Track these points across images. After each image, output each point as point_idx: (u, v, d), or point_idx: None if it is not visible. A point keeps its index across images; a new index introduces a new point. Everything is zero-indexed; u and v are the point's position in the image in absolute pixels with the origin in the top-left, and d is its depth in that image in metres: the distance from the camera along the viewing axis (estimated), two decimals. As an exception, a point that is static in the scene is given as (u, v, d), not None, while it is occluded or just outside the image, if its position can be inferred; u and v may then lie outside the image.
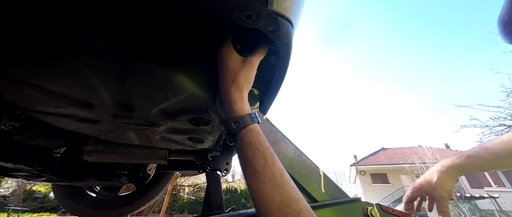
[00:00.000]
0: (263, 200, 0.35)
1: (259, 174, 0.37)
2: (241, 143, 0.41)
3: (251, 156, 0.39)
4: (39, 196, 11.44)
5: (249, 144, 0.40)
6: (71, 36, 0.40)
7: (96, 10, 0.41)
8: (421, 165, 13.67)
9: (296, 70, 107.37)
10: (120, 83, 0.49)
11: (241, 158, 0.41)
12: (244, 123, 0.42)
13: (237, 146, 0.42)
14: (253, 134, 0.41)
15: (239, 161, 0.42)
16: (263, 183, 0.36)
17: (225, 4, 0.35)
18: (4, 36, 0.39)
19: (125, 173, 1.17)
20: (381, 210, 0.69)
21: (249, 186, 0.38)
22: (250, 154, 0.39)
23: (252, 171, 0.38)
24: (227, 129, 0.43)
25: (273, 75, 0.54)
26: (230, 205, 8.39)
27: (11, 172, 0.83)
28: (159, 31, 0.47)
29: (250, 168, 0.38)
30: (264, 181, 0.36)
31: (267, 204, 0.34)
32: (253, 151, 0.39)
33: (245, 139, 0.41)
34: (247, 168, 0.39)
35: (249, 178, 0.38)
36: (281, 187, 0.36)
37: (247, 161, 0.39)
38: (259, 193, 0.36)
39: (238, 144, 0.42)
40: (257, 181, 0.37)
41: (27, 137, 0.77)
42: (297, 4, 0.43)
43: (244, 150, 0.40)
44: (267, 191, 0.35)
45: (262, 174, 0.37)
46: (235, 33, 0.49)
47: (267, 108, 0.66)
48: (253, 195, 0.37)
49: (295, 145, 0.74)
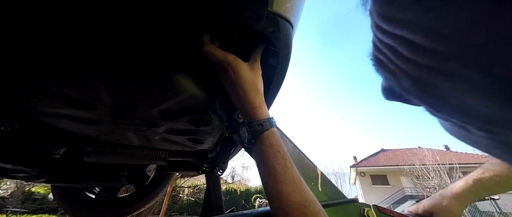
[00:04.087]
0: (284, 200, 0.36)
1: (280, 175, 0.38)
2: (262, 145, 0.42)
3: (272, 158, 0.40)
4: (38, 198, 11.39)
5: (271, 145, 0.41)
6: (72, 38, 0.40)
7: (97, 12, 0.41)
8: (421, 166, 13.67)
9: (295, 70, 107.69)
10: (120, 84, 0.49)
11: (262, 159, 0.42)
12: (267, 125, 0.44)
13: (258, 148, 0.43)
14: (274, 137, 0.43)
15: (258, 163, 0.43)
16: (284, 184, 0.37)
17: (225, 6, 0.35)
18: (5, 38, 0.39)
19: (124, 174, 1.16)
20: (378, 212, 0.68)
21: (268, 187, 0.39)
22: (271, 155, 0.40)
23: (273, 172, 0.39)
24: (251, 130, 0.44)
25: (273, 76, 0.54)
26: (230, 206, 8.35)
27: (11, 173, 0.83)
28: (159, 33, 0.47)
29: (271, 169, 0.39)
30: (284, 182, 0.37)
31: (287, 204, 0.36)
32: (274, 153, 0.41)
33: (267, 140, 0.42)
34: (267, 169, 0.40)
35: (269, 178, 0.39)
36: (300, 188, 0.38)
37: (268, 162, 0.40)
38: (280, 194, 0.37)
39: (259, 145, 0.43)
40: (277, 182, 0.38)
41: (26, 138, 0.77)
42: (297, 5, 0.43)
43: (266, 151, 0.41)
44: (287, 191, 0.37)
45: (283, 175, 0.38)
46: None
47: (268, 108, 0.67)
48: (272, 195, 0.38)
49: (294, 143, 0.74)
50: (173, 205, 12.18)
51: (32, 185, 10.94)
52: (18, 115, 0.69)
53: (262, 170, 0.41)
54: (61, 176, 0.92)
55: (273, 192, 0.38)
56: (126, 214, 1.30)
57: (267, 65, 0.55)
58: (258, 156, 0.43)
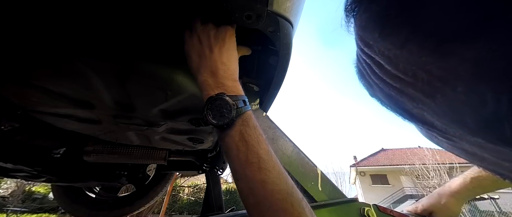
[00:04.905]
0: (268, 190, 0.31)
1: (264, 162, 0.32)
2: (246, 126, 0.35)
3: (256, 141, 0.34)
4: (38, 197, 11.39)
5: (254, 127, 0.36)
6: (72, 37, 0.40)
7: (97, 12, 0.41)
8: (421, 166, 13.68)
9: (295, 70, 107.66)
10: (120, 84, 0.49)
11: (243, 145, 0.34)
12: (248, 105, 0.38)
13: (237, 131, 0.35)
14: (253, 118, 0.37)
15: (235, 151, 0.34)
16: (268, 172, 0.32)
17: (225, 5, 0.35)
18: (6, 37, 0.39)
19: (124, 173, 1.16)
20: (378, 211, 0.69)
21: (248, 178, 0.32)
22: (255, 139, 0.34)
23: (256, 159, 0.32)
24: (237, 106, 0.36)
25: (273, 75, 0.54)
26: (230, 206, 8.36)
27: (11, 173, 0.83)
28: (159, 32, 0.47)
29: (253, 155, 0.33)
30: (269, 169, 0.32)
31: (271, 195, 0.30)
32: (258, 136, 0.35)
33: (250, 121, 0.36)
34: (248, 157, 0.33)
35: (251, 167, 0.32)
36: (284, 175, 0.33)
37: (250, 148, 0.33)
38: (263, 184, 0.31)
39: (238, 127, 0.35)
40: (260, 170, 0.32)
41: (27, 137, 0.77)
42: (297, 4, 0.43)
43: (249, 134, 0.34)
44: (272, 180, 0.31)
45: (267, 162, 0.33)
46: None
47: (268, 107, 0.67)
48: (252, 188, 0.32)
49: (294, 143, 0.74)
50: (173, 205, 12.19)
51: (32, 185, 10.95)
52: (18, 114, 0.69)
53: (241, 159, 0.33)
54: (61, 175, 0.92)
55: (254, 184, 0.31)
56: (126, 214, 1.30)
57: (267, 65, 0.55)
58: (236, 141, 0.35)
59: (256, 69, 0.58)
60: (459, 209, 0.70)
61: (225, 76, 0.38)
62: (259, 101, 0.67)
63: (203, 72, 0.38)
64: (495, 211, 10.57)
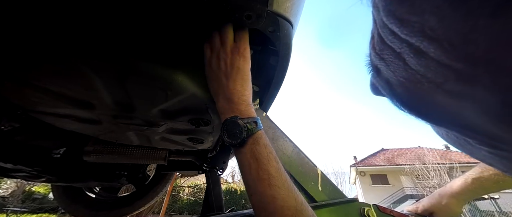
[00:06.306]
0: (278, 206, 0.33)
1: (274, 179, 0.35)
2: (256, 145, 0.38)
3: (266, 159, 0.37)
4: (38, 197, 11.39)
5: (265, 146, 0.39)
6: (72, 37, 0.40)
7: (97, 12, 0.41)
8: (421, 166, 13.68)
9: (295, 70, 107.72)
10: (120, 84, 0.49)
11: (254, 162, 0.37)
12: (259, 125, 0.41)
13: (248, 149, 0.38)
14: (265, 137, 0.40)
15: (247, 166, 0.38)
16: (278, 189, 0.34)
17: (225, 5, 0.35)
18: (6, 37, 0.39)
19: (124, 173, 1.16)
20: (379, 211, 0.69)
21: (259, 193, 0.35)
22: (265, 156, 0.37)
23: (266, 176, 0.35)
24: (247, 127, 0.39)
25: (273, 76, 0.54)
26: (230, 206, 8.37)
27: (11, 173, 0.83)
28: (159, 32, 0.47)
29: (264, 172, 0.35)
30: (278, 186, 0.34)
31: (281, 211, 0.32)
32: (268, 154, 0.38)
33: (261, 140, 0.39)
34: (260, 174, 0.36)
35: (262, 183, 0.35)
36: (294, 192, 0.35)
37: (261, 166, 0.36)
38: (274, 200, 0.33)
39: (250, 146, 0.38)
40: (271, 187, 0.34)
41: (27, 137, 0.77)
42: (297, 4, 0.43)
43: (260, 152, 0.37)
44: (282, 196, 0.33)
45: (277, 179, 0.35)
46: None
47: (268, 107, 0.67)
48: (264, 204, 0.34)
49: (294, 143, 0.74)
50: (173, 205, 12.20)
51: (32, 185, 10.95)
52: (18, 114, 0.69)
53: (253, 175, 0.36)
54: (61, 175, 0.92)
55: (266, 199, 0.34)
56: (126, 214, 1.30)
57: (267, 65, 0.55)
58: (248, 158, 0.38)
59: (256, 69, 0.58)
60: (460, 209, 0.70)
61: (239, 102, 0.42)
62: (259, 101, 0.67)
63: (220, 99, 0.44)
64: (495, 211, 10.58)
